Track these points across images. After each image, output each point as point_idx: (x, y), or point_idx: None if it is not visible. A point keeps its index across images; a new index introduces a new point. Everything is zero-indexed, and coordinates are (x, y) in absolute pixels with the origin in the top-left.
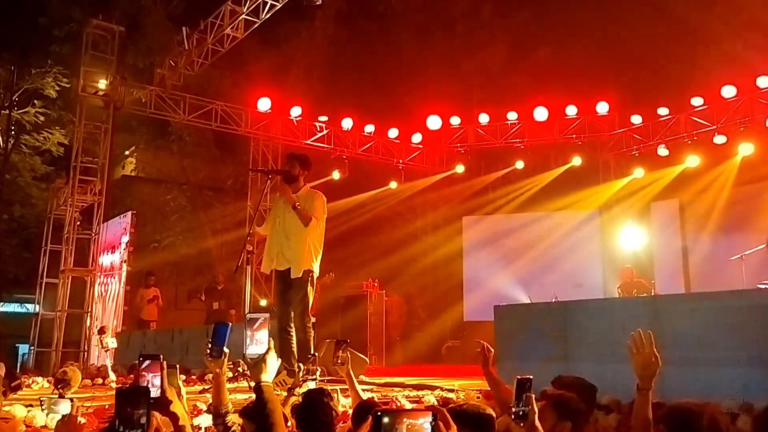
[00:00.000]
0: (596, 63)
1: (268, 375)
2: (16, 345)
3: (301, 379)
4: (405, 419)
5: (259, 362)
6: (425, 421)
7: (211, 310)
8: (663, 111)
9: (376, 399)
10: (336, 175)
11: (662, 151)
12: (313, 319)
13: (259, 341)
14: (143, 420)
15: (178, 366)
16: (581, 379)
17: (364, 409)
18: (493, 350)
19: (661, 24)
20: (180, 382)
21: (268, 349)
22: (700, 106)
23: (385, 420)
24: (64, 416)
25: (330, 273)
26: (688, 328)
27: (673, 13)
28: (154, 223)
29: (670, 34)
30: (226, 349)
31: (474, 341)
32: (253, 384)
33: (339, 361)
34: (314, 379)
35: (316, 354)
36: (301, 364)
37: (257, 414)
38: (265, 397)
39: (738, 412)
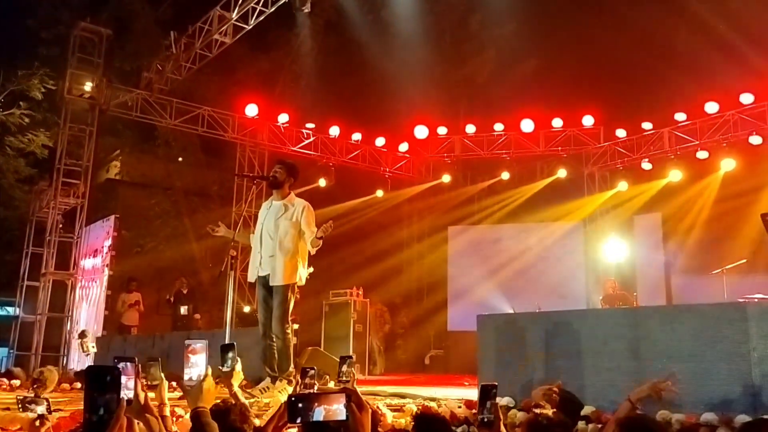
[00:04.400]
0: (582, 77)
1: (205, 401)
2: None
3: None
4: (319, 404)
5: (196, 388)
6: (339, 405)
7: (178, 315)
8: (647, 126)
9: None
10: (322, 182)
11: (646, 165)
12: (295, 326)
13: (196, 366)
14: (111, 404)
15: (160, 359)
16: (570, 394)
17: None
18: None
19: (645, 40)
20: (162, 374)
21: (206, 375)
22: (683, 122)
23: (299, 405)
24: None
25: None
26: (669, 341)
27: (657, 30)
28: (138, 227)
29: (654, 50)
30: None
31: (458, 351)
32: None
33: (344, 378)
34: None
35: (314, 368)
36: (298, 377)
37: None
38: (203, 420)
39: (717, 425)
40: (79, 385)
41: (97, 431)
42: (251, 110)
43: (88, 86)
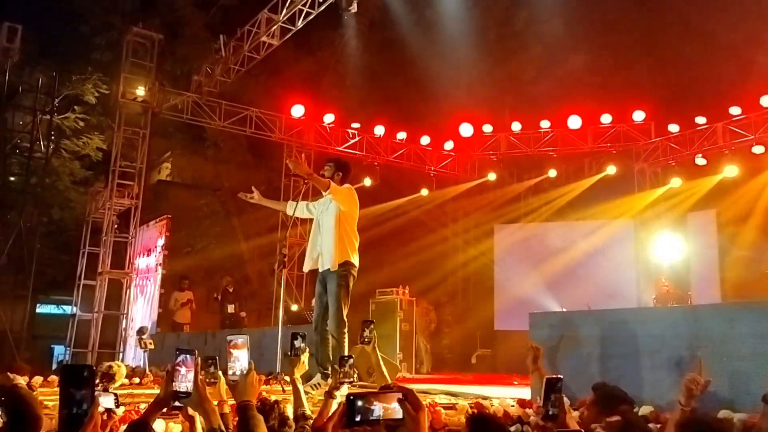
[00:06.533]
0: (632, 71)
1: (250, 394)
2: (52, 346)
3: (339, 381)
4: (377, 402)
5: (240, 382)
6: (396, 403)
7: (225, 313)
8: (700, 120)
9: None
10: (367, 181)
11: (700, 160)
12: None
13: (238, 361)
14: (86, 401)
15: (217, 357)
16: (621, 391)
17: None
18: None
19: (698, 32)
20: (220, 372)
21: (249, 369)
22: (738, 116)
23: (359, 403)
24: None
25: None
26: (729, 339)
27: (711, 22)
28: (189, 227)
29: (707, 42)
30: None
31: (505, 350)
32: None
33: (366, 340)
34: (351, 382)
35: (353, 356)
36: (336, 366)
37: None
38: (249, 414)
39: None
40: (137, 380)
41: (73, 426)
42: (297, 111)
43: (141, 90)
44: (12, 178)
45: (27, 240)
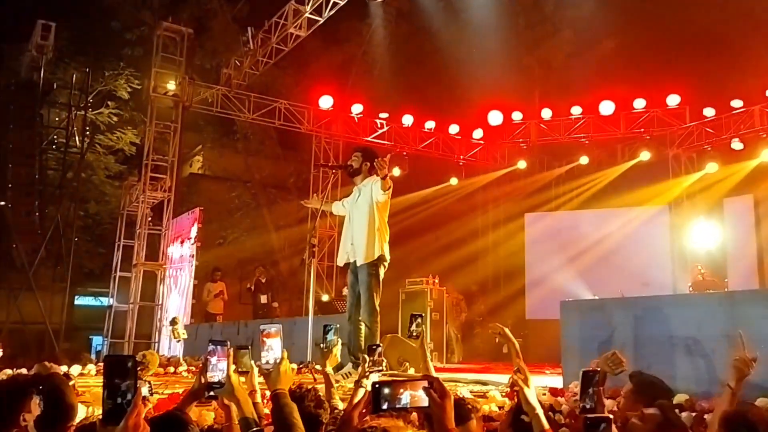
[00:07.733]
0: (666, 54)
1: (283, 383)
2: (90, 337)
3: (367, 371)
4: (404, 390)
5: (274, 371)
6: (423, 391)
7: (258, 304)
8: (737, 103)
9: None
10: (396, 171)
11: (736, 145)
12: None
13: (272, 350)
14: (130, 391)
15: (249, 347)
16: (659, 379)
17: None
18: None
19: (732, 11)
20: (252, 362)
21: (283, 358)
22: None
23: (385, 391)
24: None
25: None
26: (765, 325)
27: (746, 1)
28: (220, 219)
29: (742, 22)
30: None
31: (537, 339)
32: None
33: (414, 334)
34: (380, 371)
35: (381, 345)
36: (365, 356)
37: (277, 421)
38: (283, 402)
39: None
40: (172, 369)
41: (117, 416)
42: (326, 102)
43: (171, 84)
44: (49, 173)
45: (64, 233)
